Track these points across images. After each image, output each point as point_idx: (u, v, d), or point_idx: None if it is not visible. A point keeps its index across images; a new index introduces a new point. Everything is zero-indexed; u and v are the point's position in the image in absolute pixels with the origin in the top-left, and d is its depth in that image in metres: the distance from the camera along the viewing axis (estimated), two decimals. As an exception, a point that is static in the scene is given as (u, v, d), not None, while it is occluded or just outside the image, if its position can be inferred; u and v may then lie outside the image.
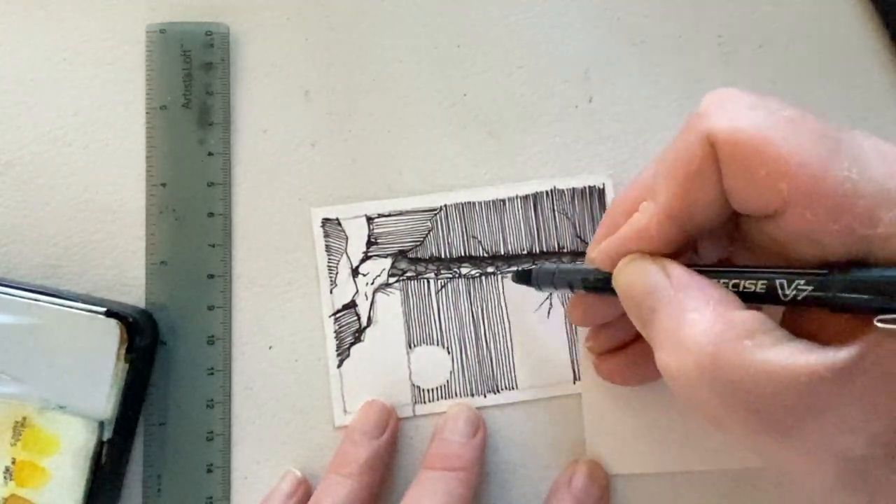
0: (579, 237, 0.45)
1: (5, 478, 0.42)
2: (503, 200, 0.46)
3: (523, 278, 0.43)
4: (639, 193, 0.37)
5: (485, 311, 0.45)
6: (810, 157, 0.29)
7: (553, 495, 0.43)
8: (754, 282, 0.31)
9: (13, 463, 0.42)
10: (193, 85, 0.46)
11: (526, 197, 0.46)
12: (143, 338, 0.43)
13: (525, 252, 0.45)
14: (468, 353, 0.45)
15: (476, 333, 0.45)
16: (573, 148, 0.46)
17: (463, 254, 0.45)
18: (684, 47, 0.47)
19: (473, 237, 0.45)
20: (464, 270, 0.45)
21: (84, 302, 0.42)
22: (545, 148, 0.46)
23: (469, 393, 0.45)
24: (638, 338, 0.41)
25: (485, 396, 0.45)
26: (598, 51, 0.47)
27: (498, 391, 0.45)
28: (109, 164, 0.46)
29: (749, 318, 0.30)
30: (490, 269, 0.45)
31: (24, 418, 0.42)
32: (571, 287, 0.39)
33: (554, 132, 0.46)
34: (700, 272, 0.33)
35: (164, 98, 0.46)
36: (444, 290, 0.45)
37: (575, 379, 0.45)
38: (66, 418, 0.42)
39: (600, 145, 0.46)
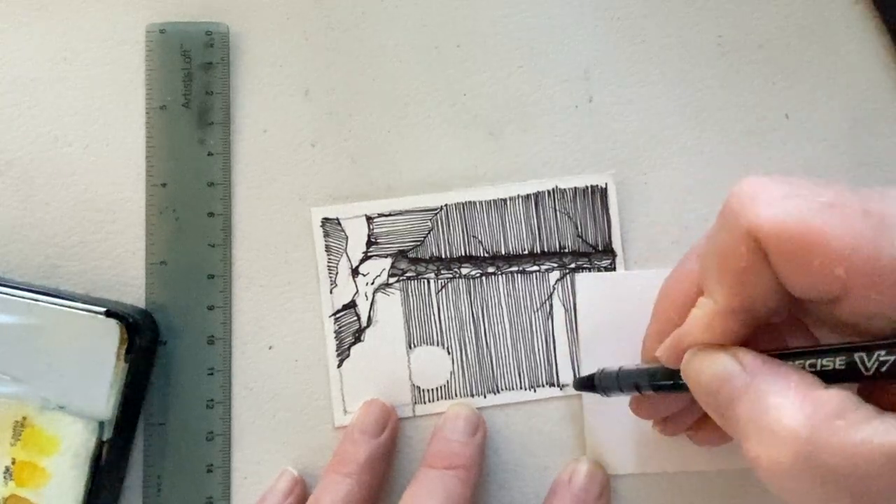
0: (581, 237, 0.45)
1: (5, 478, 0.42)
2: (504, 200, 0.46)
3: (586, 385, 0.42)
4: (687, 287, 0.36)
5: (485, 312, 0.45)
6: (860, 239, 0.28)
7: (553, 494, 0.43)
8: (832, 359, 0.30)
9: (13, 463, 0.42)
10: (193, 85, 0.46)
11: (527, 196, 0.45)
12: (143, 338, 0.43)
13: (526, 252, 0.45)
14: (468, 353, 0.45)
15: (476, 334, 0.45)
16: (573, 148, 0.46)
17: (463, 254, 0.45)
18: (684, 47, 0.47)
19: (474, 237, 0.45)
20: (464, 270, 0.45)
21: (84, 302, 0.42)
22: (545, 148, 0.46)
23: (469, 393, 0.45)
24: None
25: (485, 397, 0.45)
26: (598, 51, 0.47)
27: (498, 391, 0.45)
28: (109, 164, 0.46)
29: (835, 396, 0.29)
30: (491, 269, 0.45)
31: (24, 418, 0.42)
32: (639, 388, 0.38)
33: (554, 132, 0.46)
34: (776, 356, 0.32)
35: (164, 98, 0.46)
36: (444, 290, 0.45)
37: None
38: (66, 418, 0.42)
39: (600, 145, 0.46)
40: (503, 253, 0.45)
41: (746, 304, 0.32)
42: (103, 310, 0.42)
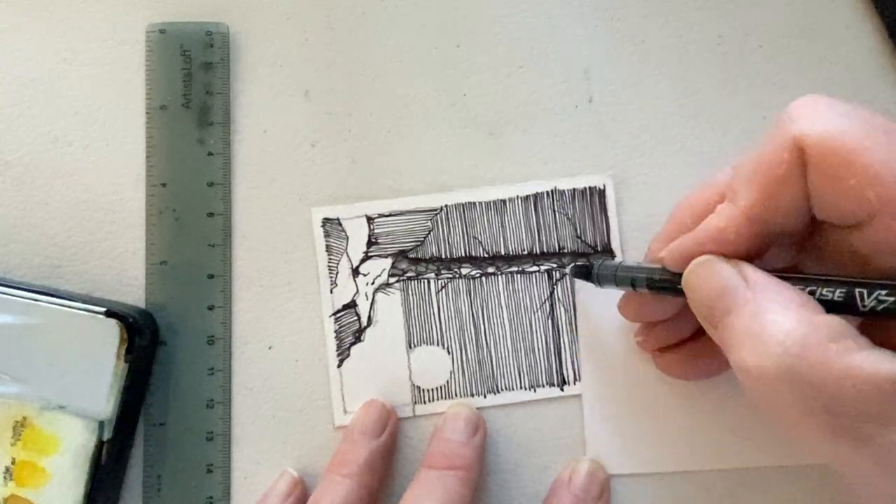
0: (580, 238, 0.45)
1: (5, 478, 0.42)
2: (504, 201, 0.46)
3: (583, 273, 0.43)
4: (710, 195, 0.37)
5: (485, 312, 0.45)
6: None
7: (553, 494, 0.43)
8: (832, 290, 0.31)
9: (13, 463, 0.42)
10: (193, 85, 0.46)
11: (526, 197, 0.46)
12: (142, 338, 0.43)
13: (525, 252, 0.45)
14: (468, 353, 0.45)
15: (476, 334, 0.45)
16: (573, 148, 0.46)
17: (463, 254, 0.45)
18: (684, 47, 0.47)
19: (474, 237, 0.45)
20: (464, 271, 0.45)
21: (84, 302, 0.42)
22: (545, 148, 0.46)
23: (469, 393, 0.45)
24: (695, 336, 0.41)
25: (485, 397, 0.45)
26: (598, 51, 0.47)
27: (498, 391, 0.45)
28: (109, 164, 0.46)
29: (833, 322, 0.29)
30: (490, 270, 0.45)
31: (24, 418, 0.42)
32: (634, 285, 0.39)
33: (554, 132, 0.46)
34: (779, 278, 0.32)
35: (164, 98, 0.46)
36: (444, 290, 0.45)
37: (575, 380, 0.45)
38: (66, 418, 0.42)
39: (600, 145, 0.46)
40: (503, 253, 0.45)
41: (769, 212, 0.33)
42: (103, 310, 0.42)
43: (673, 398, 0.44)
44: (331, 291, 0.45)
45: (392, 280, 0.45)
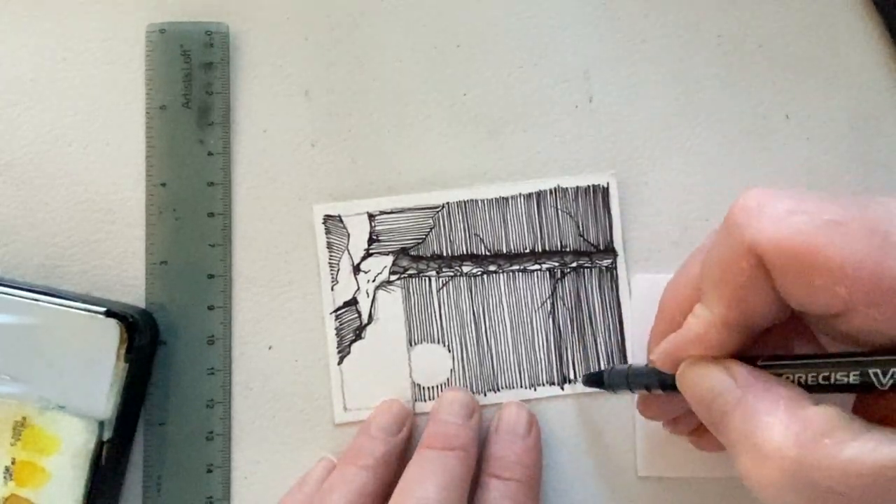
0: (582, 236, 0.45)
1: (5, 478, 0.41)
2: (506, 198, 0.46)
3: (595, 381, 0.43)
4: (690, 288, 0.36)
5: (486, 310, 0.45)
6: (864, 258, 0.28)
7: (486, 443, 0.43)
8: (846, 373, 0.30)
9: (13, 463, 0.41)
10: (193, 85, 0.46)
11: (529, 195, 0.45)
12: (142, 338, 0.43)
13: (527, 250, 0.45)
14: (469, 351, 0.45)
15: (477, 332, 0.45)
16: (573, 148, 0.46)
17: (465, 252, 0.45)
18: (684, 47, 0.47)
19: (475, 235, 0.45)
20: (465, 268, 0.45)
21: (84, 302, 0.42)
22: (545, 148, 0.46)
23: (469, 391, 0.45)
24: None
25: (485, 395, 0.45)
26: (598, 51, 0.47)
27: (498, 390, 0.45)
28: (109, 164, 0.46)
29: (823, 414, 0.29)
30: (492, 268, 0.45)
31: (24, 418, 0.42)
32: (648, 388, 0.39)
33: (554, 132, 0.46)
34: (783, 365, 0.32)
35: (164, 98, 0.46)
36: (445, 287, 0.45)
37: (576, 378, 0.45)
38: (66, 418, 0.42)
39: (600, 145, 0.46)
40: (504, 251, 0.45)
41: (743, 317, 0.32)
42: (103, 310, 0.42)
43: None
44: (332, 288, 0.45)
45: (393, 277, 0.45)
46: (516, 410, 0.44)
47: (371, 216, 0.45)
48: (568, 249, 0.45)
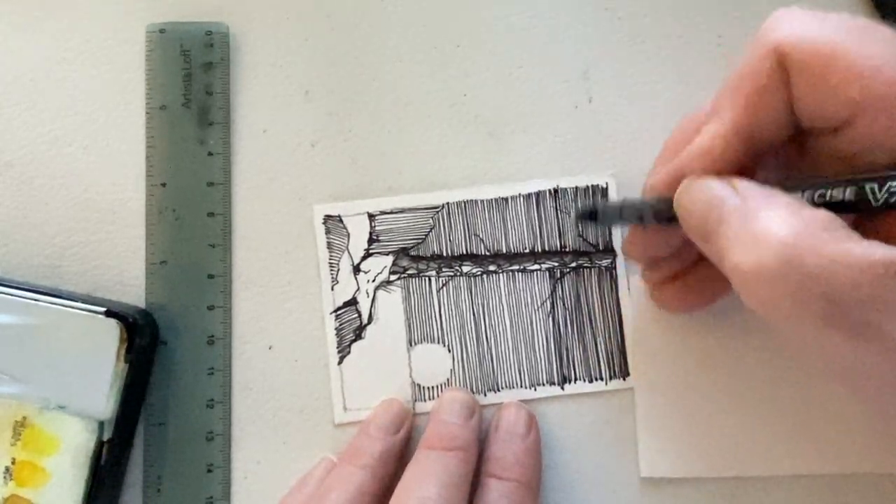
0: (581, 236, 0.45)
1: (5, 478, 0.41)
2: (506, 199, 0.46)
3: (589, 216, 0.43)
4: (699, 120, 0.37)
5: (486, 310, 0.45)
6: (882, 61, 0.29)
7: (486, 442, 0.43)
8: (842, 189, 0.31)
9: (13, 463, 0.42)
10: (193, 85, 0.46)
11: (528, 195, 0.46)
12: (143, 338, 0.43)
13: (527, 250, 0.45)
14: (469, 351, 0.45)
15: (477, 332, 0.45)
16: (573, 148, 0.46)
17: (464, 252, 0.45)
18: (684, 47, 0.47)
19: (475, 235, 0.45)
20: (465, 268, 0.45)
21: (84, 302, 0.42)
22: (545, 148, 0.46)
23: (469, 391, 0.45)
24: (692, 267, 0.41)
25: (485, 395, 0.45)
26: (598, 51, 0.47)
27: (498, 390, 0.45)
28: (109, 164, 0.46)
29: (824, 214, 0.30)
30: (491, 268, 0.45)
31: (24, 418, 0.42)
32: (642, 219, 0.39)
33: (554, 132, 0.46)
34: (780, 185, 0.33)
35: (164, 98, 0.46)
36: (445, 287, 0.45)
37: (576, 378, 0.45)
38: (66, 418, 0.42)
39: (600, 145, 0.46)
40: (504, 251, 0.45)
41: (754, 124, 0.33)
42: (103, 310, 0.42)
43: (725, 398, 0.44)
44: (332, 288, 0.45)
45: (393, 277, 0.45)
46: (516, 411, 0.44)
47: (371, 216, 0.45)
48: (567, 249, 0.45)
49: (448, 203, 0.45)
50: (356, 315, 0.45)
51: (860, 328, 0.28)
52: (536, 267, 0.45)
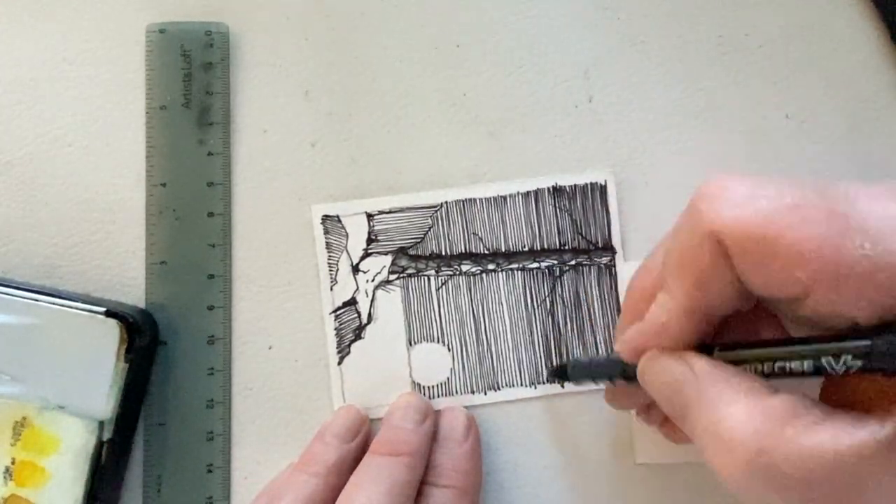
0: (580, 234, 0.45)
1: (5, 478, 0.41)
2: (504, 197, 0.46)
3: (560, 375, 0.43)
4: (654, 279, 0.36)
5: (485, 309, 0.45)
6: (823, 242, 0.28)
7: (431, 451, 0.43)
8: (800, 363, 0.30)
9: (13, 463, 0.41)
10: (193, 85, 0.46)
11: (527, 193, 0.46)
12: (142, 338, 0.43)
13: (526, 249, 0.45)
14: (469, 350, 0.45)
15: (476, 330, 0.45)
16: (573, 148, 0.46)
17: (463, 251, 0.45)
18: (684, 47, 0.47)
19: (474, 234, 0.45)
20: (464, 267, 0.45)
21: (84, 302, 0.42)
22: (545, 148, 0.46)
23: (469, 390, 0.45)
24: None
25: (485, 393, 0.45)
26: (598, 51, 0.47)
27: (498, 388, 0.45)
28: (109, 164, 0.46)
29: (783, 403, 0.29)
30: (491, 267, 0.45)
31: (24, 418, 0.42)
32: (611, 379, 0.39)
33: (554, 132, 0.46)
34: (738, 355, 0.32)
35: (164, 98, 0.46)
36: (444, 287, 0.45)
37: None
38: (66, 418, 0.42)
39: (600, 145, 0.46)
40: (503, 250, 0.45)
41: (705, 304, 0.32)
42: (103, 310, 0.42)
43: None
44: (331, 289, 0.45)
45: (392, 277, 0.45)
46: (454, 416, 0.44)
47: (369, 216, 0.45)
48: (567, 247, 0.45)
49: (446, 202, 0.45)
50: (356, 315, 0.45)
51: None
52: (536, 265, 0.45)
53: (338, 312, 0.45)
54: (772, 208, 0.30)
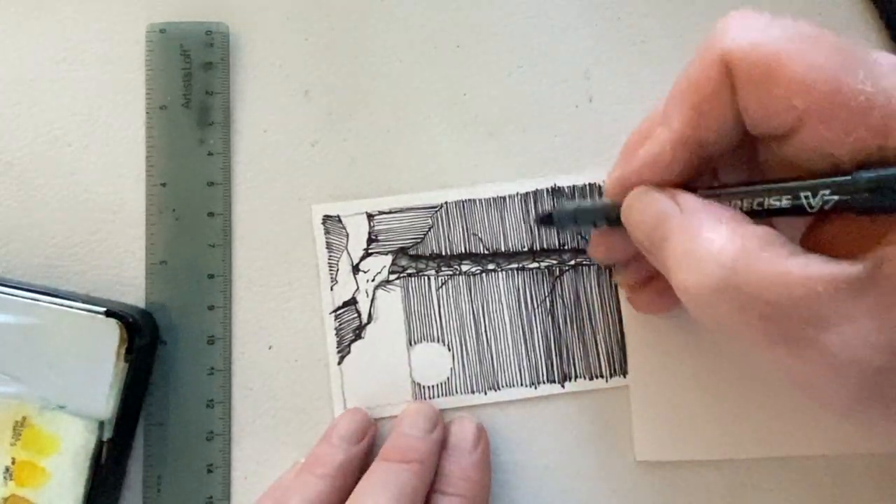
0: (580, 234, 0.45)
1: (5, 478, 0.41)
2: (504, 197, 0.46)
3: (546, 221, 0.43)
4: (653, 125, 0.37)
5: (485, 309, 0.45)
6: (825, 71, 0.29)
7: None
8: (779, 198, 0.31)
9: (13, 463, 0.41)
10: (193, 85, 0.46)
11: (526, 194, 0.46)
12: (143, 338, 0.43)
13: (526, 249, 0.45)
14: (469, 350, 0.45)
15: (477, 330, 0.45)
16: (573, 148, 0.46)
17: (463, 251, 0.45)
18: (684, 47, 0.47)
19: (474, 234, 0.45)
20: (464, 267, 0.45)
21: (84, 302, 0.42)
22: (545, 148, 0.46)
23: (469, 390, 0.45)
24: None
25: (485, 394, 0.45)
26: (598, 51, 0.47)
27: (499, 388, 0.45)
28: (109, 164, 0.46)
29: (763, 231, 0.30)
30: (490, 266, 0.45)
31: (24, 418, 0.42)
32: (595, 223, 0.39)
33: (554, 132, 0.46)
34: (720, 195, 0.33)
35: (164, 98, 0.46)
36: (444, 287, 0.45)
37: (576, 376, 0.45)
38: (66, 418, 0.42)
39: (600, 145, 0.46)
40: (503, 250, 0.45)
41: (701, 132, 0.33)
42: (103, 310, 0.42)
43: (720, 385, 0.44)
44: (331, 288, 0.45)
45: (392, 277, 0.45)
46: (463, 425, 0.44)
47: (370, 216, 0.45)
48: (566, 247, 0.45)
49: (447, 202, 0.45)
50: (356, 315, 0.45)
51: (800, 343, 0.29)
52: (535, 265, 0.45)
53: (338, 312, 0.45)
54: (783, 35, 0.30)
